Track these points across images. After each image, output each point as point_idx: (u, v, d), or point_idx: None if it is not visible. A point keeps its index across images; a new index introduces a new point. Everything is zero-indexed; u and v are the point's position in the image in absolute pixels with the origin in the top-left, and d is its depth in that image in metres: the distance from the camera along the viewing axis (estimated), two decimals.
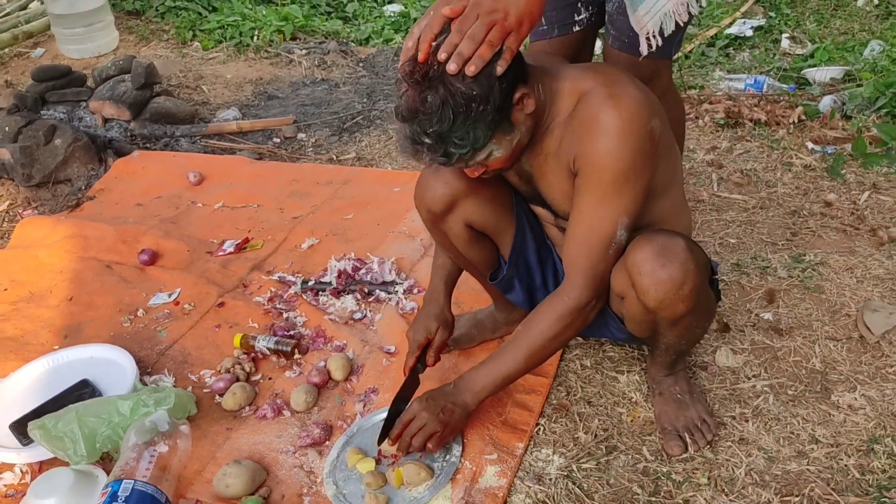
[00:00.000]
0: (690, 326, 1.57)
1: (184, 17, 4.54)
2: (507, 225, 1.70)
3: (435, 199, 1.64)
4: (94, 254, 2.50)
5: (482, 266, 1.78)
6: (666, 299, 1.45)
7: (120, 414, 1.71)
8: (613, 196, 1.41)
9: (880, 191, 2.49)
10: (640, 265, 1.44)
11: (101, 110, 3.31)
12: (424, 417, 1.60)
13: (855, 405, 1.74)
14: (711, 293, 1.60)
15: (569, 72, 1.47)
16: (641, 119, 1.38)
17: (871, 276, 2.11)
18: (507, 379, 1.61)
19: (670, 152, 1.53)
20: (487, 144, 1.37)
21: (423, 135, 1.32)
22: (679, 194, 1.62)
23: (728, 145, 2.83)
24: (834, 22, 4.28)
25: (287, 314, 2.15)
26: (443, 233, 1.71)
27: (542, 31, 1.90)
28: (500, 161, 1.43)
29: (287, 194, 2.76)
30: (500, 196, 1.67)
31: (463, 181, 1.62)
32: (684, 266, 1.43)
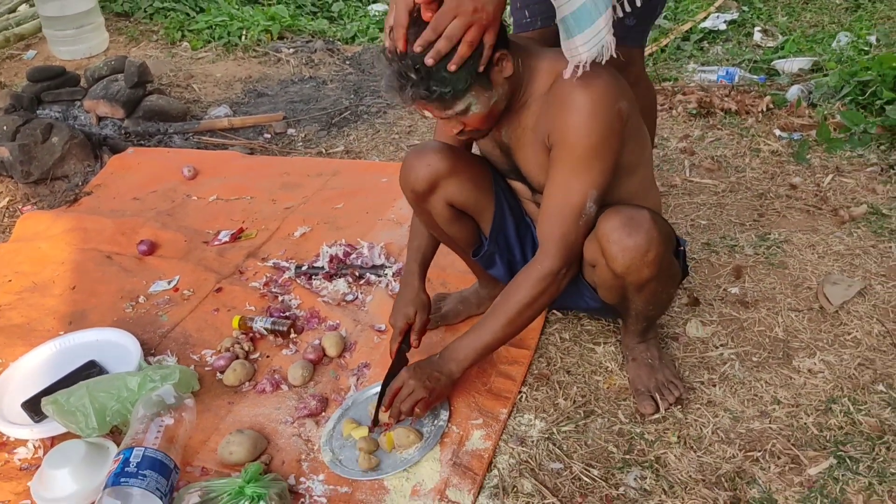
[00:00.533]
0: (656, 291, 1.69)
1: (172, 18, 4.64)
2: (487, 203, 1.82)
3: (419, 180, 1.76)
4: (95, 245, 2.60)
5: (464, 243, 1.90)
6: (632, 265, 1.57)
7: (128, 389, 1.81)
8: (584, 169, 1.54)
9: (843, 174, 2.63)
10: (609, 234, 1.56)
11: (96, 109, 3.40)
12: (412, 385, 1.72)
13: (814, 369, 1.87)
14: (675, 262, 1.73)
15: (548, 53, 1.60)
16: (610, 99, 1.51)
17: (831, 253, 2.25)
18: (489, 347, 1.73)
19: (638, 134, 1.65)
20: (467, 94, 1.47)
21: (411, 69, 1.43)
22: (648, 174, 1.75)
23: (700, 133, 2.96)
24: (805, 15, 4.43)
25: (282, 297, 2.26)
26: (427, 212, 1.83)
27: (526, 23, 1.99)
28: (478, 119, 1.53)
29: (279, 186, 2.87)
30: (479, 176, 1.80)
31: (444, 162, 1.74)
32: (648, 234, 1.55)
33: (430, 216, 1.83)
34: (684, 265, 1.86)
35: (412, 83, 1.44)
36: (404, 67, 1.43)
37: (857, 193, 2.52)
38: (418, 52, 1.41)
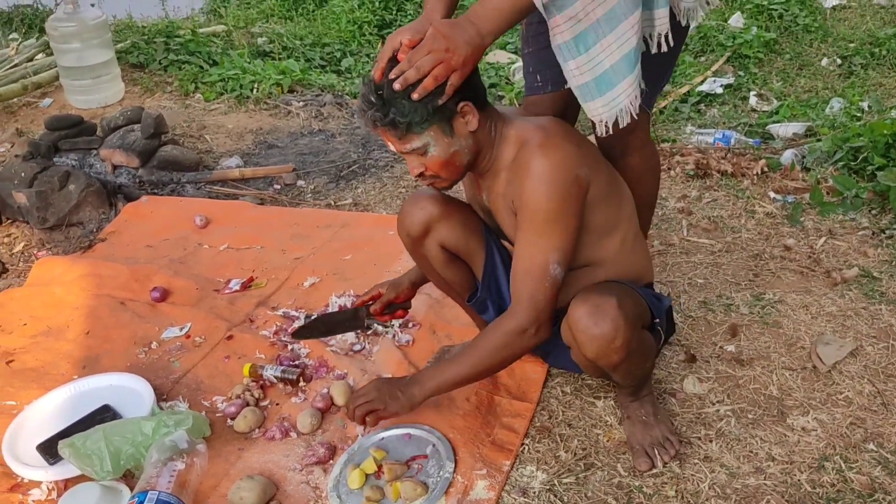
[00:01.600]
0: (630, 369, 1.78)
1: (186, 71, 4.77)
2: (478, 248, 1.93)
3: (413, 224, 1.88)
4: (109, 291, 2.67)
5: (459, 287, 2.00)
6: (601, 352, 1.67)
7: (143, 434, 1.87)
8: (545, 233, 1.64)
9: (836, 236, 2.72)
10: (577, 323, 1.66)
11: (111, 158, 3.50)
12: (372, 395, 1.82)
13: (808, 427, 1.93)
14: (648, 337, 1.81)
15: (518, 122, 1.72)
16: (568, 167, 1.62)
17: (824, 313, 2.32)
18: (454, 383, 1.81)
19: (613, 196, 1.76)
20: (425, 132, 1.59)
21: (374, 94, 1.56)
22: (630, 235, 1.84)
23: (697, 194, 3.06)
24: (799, 81, 4.58)
25: (292, 346, 2.32)
26: (423, 256, 1.94)
27: (537, 87, 2.08)
28: (437, 163, 1.64)
29: (289, 237, 2.95)
30: (470, 222, 1.91)
31: (437, 207, 1.86)
32: (615, 323, 1.63)
33: (427, 260, 1.95)
34: (670, 323, 1.95)
35: (374, 107, 1.57)
36: (369, 92, 1.58)
37: (849, 256, 2.60)
38: (391, 77, 1.54)
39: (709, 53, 4.93)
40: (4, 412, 2.14)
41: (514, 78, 4.62)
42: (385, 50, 1.61)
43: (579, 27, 1.63)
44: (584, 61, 1.67)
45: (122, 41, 5.02)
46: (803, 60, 4.82)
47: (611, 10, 1.62)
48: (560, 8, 1.59)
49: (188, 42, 5.09)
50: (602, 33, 1.63)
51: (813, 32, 5.18)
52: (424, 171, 1.67)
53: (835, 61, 4.80)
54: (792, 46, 5.02)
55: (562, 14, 1.60)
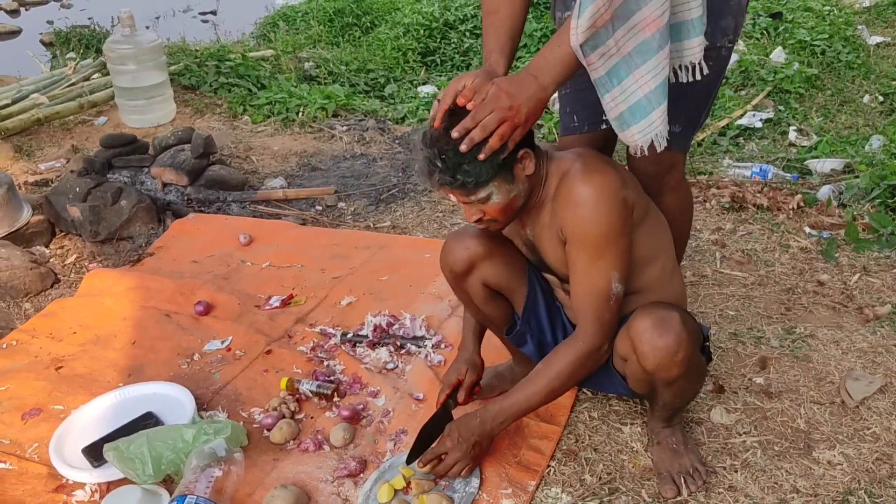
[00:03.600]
0: (684, 387, 1.81)
1: (235, 94, 4.93)
2: (520, 286, 1.97)
3: (457, 262, 1.92)
4: (155, 303, 2.77)
5: (499, 321, 2.04)
6: (662, 364, 1.70)
7: (184, 440, 1.95)
8: (600, 256, 1.69)
9: (870, 273, 2.73)
10: (641, 334, 1.69)
11: (162, 176, 3.64)
12: (457, 455, 1.85)
13: (833, 461, 1.95)
14: (703, 359, 1.84)
15: (557, 155, 1.78)
16: (613, 189, 1.68)
17: (855, 349, 2.33)
18: (527, 410, 1.86)
19: (653, 225, 1.80)
20: (489, 184, 1.63)
21: (438, 158, 1.60)
22: (669, 263, 1.88)
23: (732, 227, 3.09)
24: (840, 117, 4.57)
25: (327, 362, 2.40)
26: (464, 291, 1.98)
27: (574, 127, 2.14)
28: (497, 209, 1.69)
29: (328, 256, 3.04)
30: (513, 260, 1.95)
31: (481, 246, 1.90)
32: (679, 336, 1.67)
33: (468, 295, 1.98)
34: (707, 353, 1.97)
35: (440, 170, 1.61)
36: (433, 155, 1.60)
37: (882, 293, 2.61)
38: (455, 137, 1.58)
39: (749, 87, 4.94)
40: (53, 416, 2.25)
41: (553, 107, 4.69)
42: (447, 94, 1.64)
43: (611, 62, 1.68)
44: (618, 93, 1.72)
45: (176, 63, 5.19)
46: (845, 97, 4.81)
47: (642, 42, 1.66)
48: (594, 47, 1.65)
49: (238, 66, 5.25)
50: (634, 65, 1.68)
51: (855, 69, 5.16)
52: (483, 216, 1.71)
53: (877, 98, 4.79)
54: (834, 82, 5.01)
55: (595, 52, 1.66)
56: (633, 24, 1.63)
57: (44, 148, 4.30)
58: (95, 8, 8.92)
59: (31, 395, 2.33)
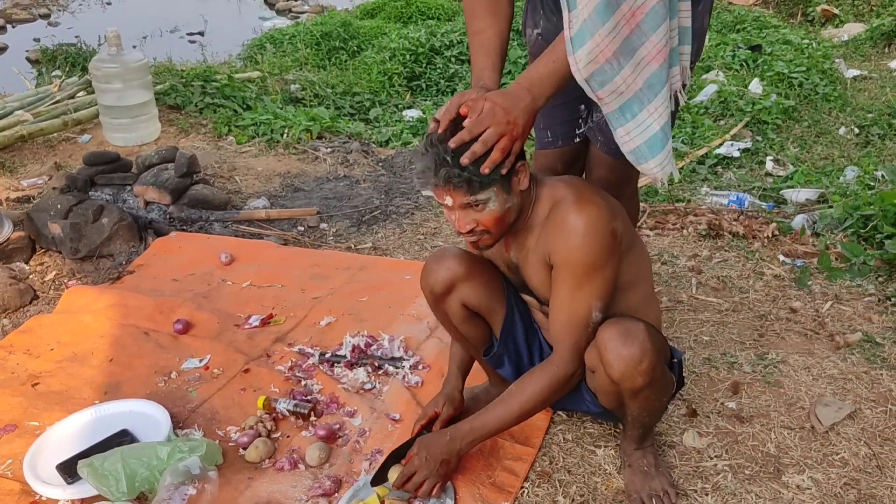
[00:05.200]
0: (650, 399, 1.83)
1: (221, 114, 4.96)
2: (499, 307, 1.99)
3: (437, 282, 1.94)
4: (134, 321, 2.77)
5: (476, 342, 2.06)
6: (626, 373, 1.72)
7: (158, 458, 1.95)
8: (585, 284, 1.72)
9: (841, 301, 2.78)
10: (607, 343, 1.72)
11: (144, 194, 3.65)
12: (425, 473, 1.86)
13: (802, 486, 1.97)
14: (668, 372, 1.87)
15: (549, 181, 1.81)
16: (603, 221, 1.71)
17: (825, 376, 2.37)
18: (498, 430, 1.89)
19: (637, 254, 1.84)
20: (490, 188, 1.66)
21: (449, 155, 1.63)
22: (648, 290, 1.92)
23: (708, 254, 3.14)
24: (816, 148, 4.67)
25: (305, 382, 2.41)
26: (443, 311, 2.00)
27: (549, 142, 2.21)
28: (491, 218, 1.70)
29: (308, 277, 3.05)
30: (492, 282, 1.98)
31: (461, 267, 1.92)
32: (643, 346, 1.71)
33: (446, 315, 2.00)
34: (680, 376, 2.00)
35: (448, 165, 1.63)
36: (442, 151, 1.63)
37: (853, 321, 2.65)
38: (453, 147, 1.62)
39: (728, 118, 5.04)
40: (28, 432, 2.24)
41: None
42: (451, 105, 1.69)
43: (623, 98, 1.71)
44: (632, 127, 1.75)
45: (161, 83, 5.23)
46: (821, 128, 4.92)
47: (651, 76, 1.69)
48: (601, 83, 1.68)
49: (224, 87, 5.30)
50: (647, 100, 1.71)
51: (832, 101, 5.28)
52: (475, 227, 1.73)
53: (852, 130, 4.90)
54: (811, 114, 5.12)
55: (603, 89, 1.69)
56: (639, 59, 1.66)
57: (27, 164, 4.31)
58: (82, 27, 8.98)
59: (6, 410, 2.32)
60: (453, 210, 1.71)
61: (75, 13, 10.63)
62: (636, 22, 1.63)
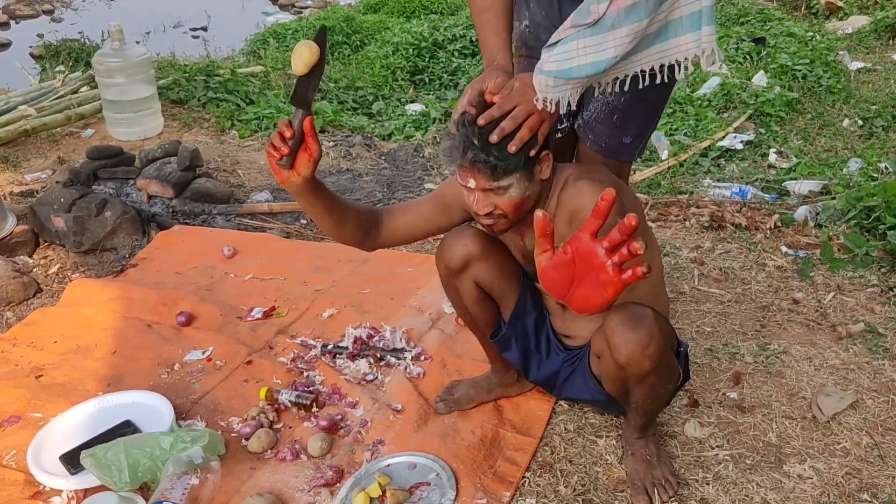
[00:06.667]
0: (655, 385, 1.82)
1: (224, 108, 4.96)
2: (511, 291, 1.99)
3: (453, 258, 1.93)
4: (137, 314, 2.78)
5: (485, 324, 2.06)
6: (634, 356, 1.71)
7: (161, 448, 1.96)
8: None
9: (844, 292, 2.77)
10: (615, 327, 1.72)
11: (147, 188, 3.66)
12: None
13: (804, 475, 1.97)
14: (674, 359, 1.86)
15: (559, 167, 1.80)
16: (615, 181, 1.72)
17: (827, 366, 2.37)
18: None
19: (650, 238, 1.83)
20: (513, 173, 1.66)
21: (477, 137, 1.62)
22: (658, 280, 1.92)
23: (710, 245, 3.13)
24: (819, 140, 4.66)
25: (307, 373, 2.42)
26: (455, 289, 2.00)
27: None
28: (511, 204, 1.70)
29: (311, 269, 3.06)
30: (508, 264, 1.97)
31: (478, 246, 1.91)
32: (650, 330, 1.70)
33: (458, 293, 2.00)
34: (685, 368, 1.99)
35: (475, 148, 1.63)
36: (471, 133, 1.63)
37: (856, 312, 2.65)
38: (482, 124, 1.62)
39: (731, 110, 5.03)
40: (31, 424, 2.25)
41: None
42: (472, 90, 1.68)
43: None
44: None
45: (165, 77, 5.23)
46: (824, 120, 4.90)
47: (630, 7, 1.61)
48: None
49: (227, 81, 5.30)
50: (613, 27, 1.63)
51: (836, 94, 5.27)
52: (494, 210, 1.72)
53: (856, 122, 4.88)
54: (814, 106, 5.10)
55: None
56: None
57: (30, 159, 4.31)
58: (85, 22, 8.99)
59: (10, 402, 2.33)
60: (474, 192, 1.70)
61: (78, 9, 10.64)
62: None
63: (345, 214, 1.85)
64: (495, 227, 1.77)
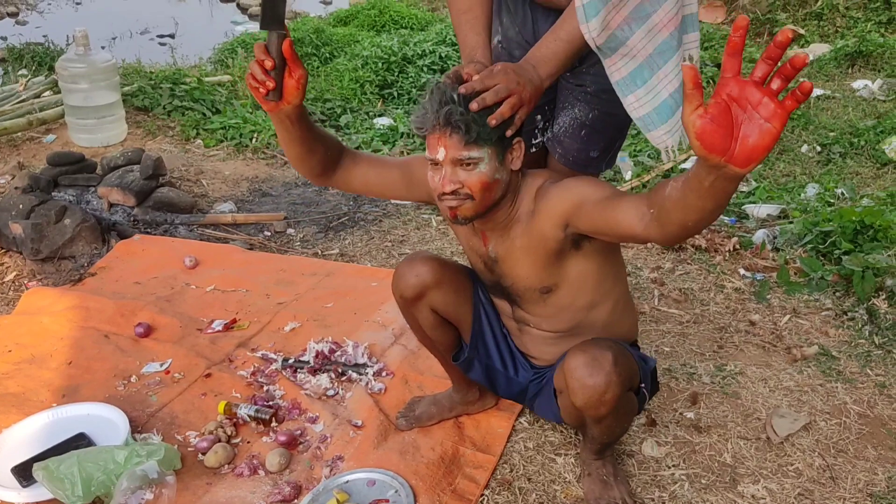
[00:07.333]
0: (612, 426, 1.85)
1: (189, 117, 4.92)
2: (467, 314, 2.01)
3: (408, 288, 1.94)
4: (94, 324, 2.74)
5: (445, 347, 2.08)
6: (590, 403, 1.73)
7: (115, 462, 1.93)
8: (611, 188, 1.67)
9: (799, 315, 2.83)
10: (573, 371, 1.73)
11: (109, 196, 3.61)
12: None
13: (757, 495, 2.01)
14: (633, 399, 1.88)
15: (530, 174, 1.78)
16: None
17: (781, 387, 2.41)
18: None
19: (615, 254, 1.85)
20: (486, 146, 1.60)
21: (456, 95, 1.59)
22: (625, 296, 1.95)
23: (671, 266, 3.18)
24: (778, 165, 4.75)
25: (267, 387, 2.40)
26: (413, 316, 2.01)
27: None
28: (479, 181, 1.62)
29: (274, 282, 3.04)
30: (462, 289, 1.99)
31: (431, 274, 1.92)
32: (608, 377, 1.70)
33: (416, 321, 2.01)
34: (655, 381, 2.02)
35: (454, 103, 1.58)
36: (452, 90, 1.60)
37: (810, 335, 2.71)
38: (463, 93, 1.59)
39: None
40: None
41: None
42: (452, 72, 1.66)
43: (633, 63, 1.72)
44: (642, 94, 1.75)
45: (130, 84, 5.17)
46: (784, 146, 5.00)
47: (661, 43, 1.71)
48: (613, 49, 1.69)
49: (193, 90, 5.26)
50: (657, 66, 1.73)
51: (795, 120, 5.37)
52: (460, 187, 1.64)
53: (814, 148, 4.98)
54: None
55: (616, 53, 1.70)
56: (652, 25, 1.68)
57: None
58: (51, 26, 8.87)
59: None
60: (443, 165, 1.63)
61: (44, 13, 10.49)
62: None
63: (315, 144, 1.75)
64: (459, 210, 1.67)
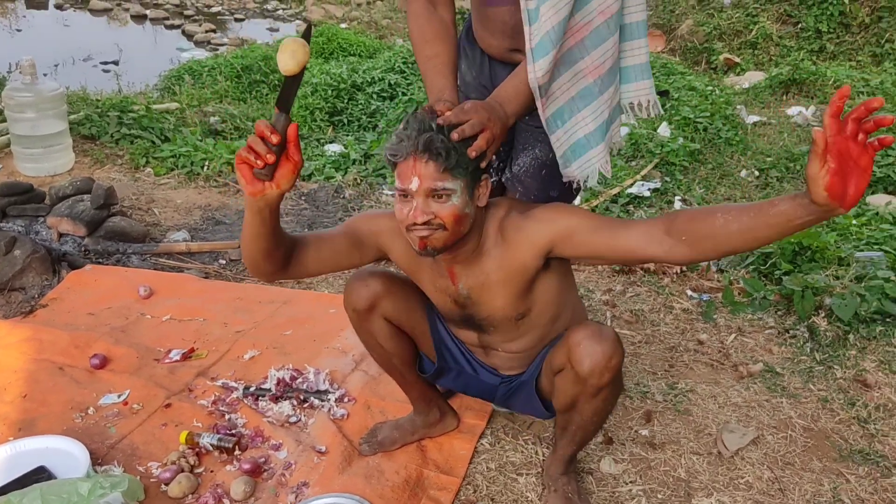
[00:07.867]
0: (606, 399, 1.87)
1: (138, 145, 4.88)
2: (421, 322, 2.05)
3: (359, 299, 1.97)
4: (48, 356, 2.70)
5: (403, 358, 2.09)
6: (596, 368, 1.76)
7: (79, 494, 1.91)
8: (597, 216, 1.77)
9: (744, 334, 2.95)
10: (580, 341, 1.77)
11: (58, 226, 3.56)
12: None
13: None
14: (622, 380, 1.93)
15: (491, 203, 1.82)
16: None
17: (730, 404, 2.51)
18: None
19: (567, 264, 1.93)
20: (459, 178, 1.63)
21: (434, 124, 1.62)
22: (578, 302, 2.06)
23: (622, 289, 3.28)
24: (719, 189, 4.94)
25: (229, 416, 2.40)
26: (368, 330, 2.02)
27: None
28: (451, 213, 1.64)
29: (231, 310, 3.04)
30: (413, 297, 2.03)
31: (381, 284, 1.96)
32: (614, 343, 1.78)
33: (371, 334, 2.03)
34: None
35: (434, 131, 1.61)
36: (431, 119, 1.63)
37: (755, 352, 2.82)
38: (440, 124, 1.63)
39: (639, 158, 5.28)
40: None
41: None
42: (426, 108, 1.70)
43: (556, 105, 1.84)
44: (561, 134, 1.88)
45: (76, 112, 5.12)
46: (724, 171, 5.20)
47: (584, 88, 1.84)
48: (543, 91, 1.81)
49: (141, 117, 5.22)
50: (577, 109, 1.85)
51: (734, 145, 5.59)
52: (433, 218, 1.64)
53: (753, 173, 5.20)
54: (714, 157, 5.40)
55: (544, 95, 1.81)
56: (577, 71, 1.80)
57: None
58: None
59: None
60: (414, 197, 1.63)
61: None
62: (581, 37, 1.79)
63: (283, 237, 1.74)
64: (429, 240, 1.67)
